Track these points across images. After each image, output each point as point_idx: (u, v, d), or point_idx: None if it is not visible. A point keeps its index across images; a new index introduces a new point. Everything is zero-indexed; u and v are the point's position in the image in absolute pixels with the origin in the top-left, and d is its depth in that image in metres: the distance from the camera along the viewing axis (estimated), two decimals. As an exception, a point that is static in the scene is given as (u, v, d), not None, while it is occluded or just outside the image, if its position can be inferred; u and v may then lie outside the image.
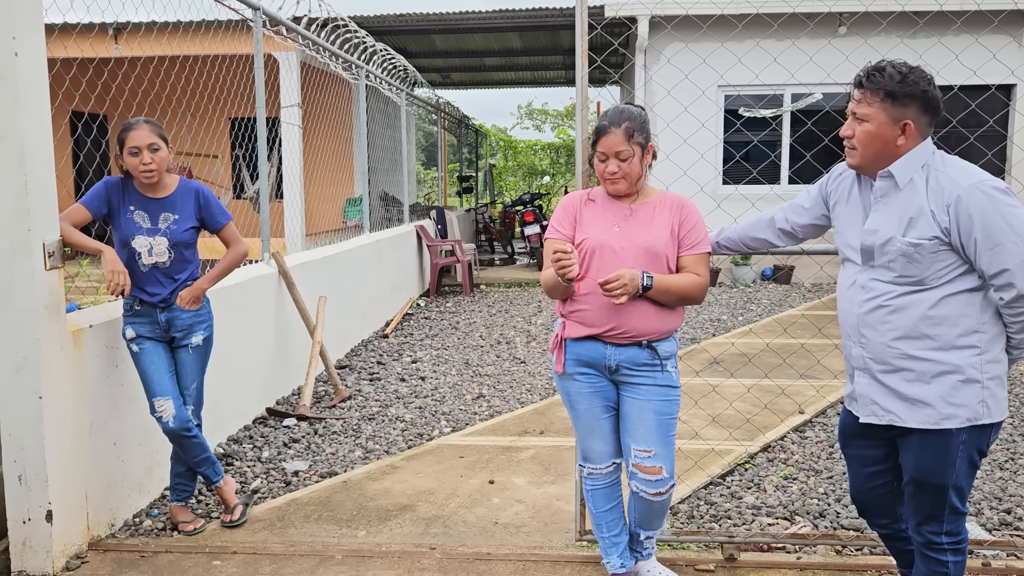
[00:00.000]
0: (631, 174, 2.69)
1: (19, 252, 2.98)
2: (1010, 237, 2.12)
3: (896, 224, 2.23)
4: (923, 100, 2.18)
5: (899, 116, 2.18)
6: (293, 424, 4.99)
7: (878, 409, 2.32)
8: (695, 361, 6.42)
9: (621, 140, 2.65)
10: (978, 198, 2.13)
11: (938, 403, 2.23)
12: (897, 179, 2.23)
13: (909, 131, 2.20)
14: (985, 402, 2.22)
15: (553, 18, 11.79)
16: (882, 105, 2.19)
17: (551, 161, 24.15)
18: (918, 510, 2.35)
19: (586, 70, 3.19)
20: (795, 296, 9.83)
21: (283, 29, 6.10)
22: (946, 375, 2.22)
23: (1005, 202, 2.13)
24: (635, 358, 2.71)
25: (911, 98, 2.17)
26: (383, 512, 3.69)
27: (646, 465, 2.72)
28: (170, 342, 3.40)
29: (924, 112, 2.20)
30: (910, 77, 2.16)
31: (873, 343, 2.30)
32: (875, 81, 2.19)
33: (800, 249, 3.20)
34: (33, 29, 2.99)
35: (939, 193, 2.18)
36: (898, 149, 2.22)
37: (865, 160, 2.27)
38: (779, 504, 3.72)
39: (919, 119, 2.20)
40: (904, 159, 2.22)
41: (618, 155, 2.66)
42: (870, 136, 2.22)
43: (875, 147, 2.23)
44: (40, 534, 3.08)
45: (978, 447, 2.27)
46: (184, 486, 3.55)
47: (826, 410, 5.13)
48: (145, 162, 3.23)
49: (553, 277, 2.70)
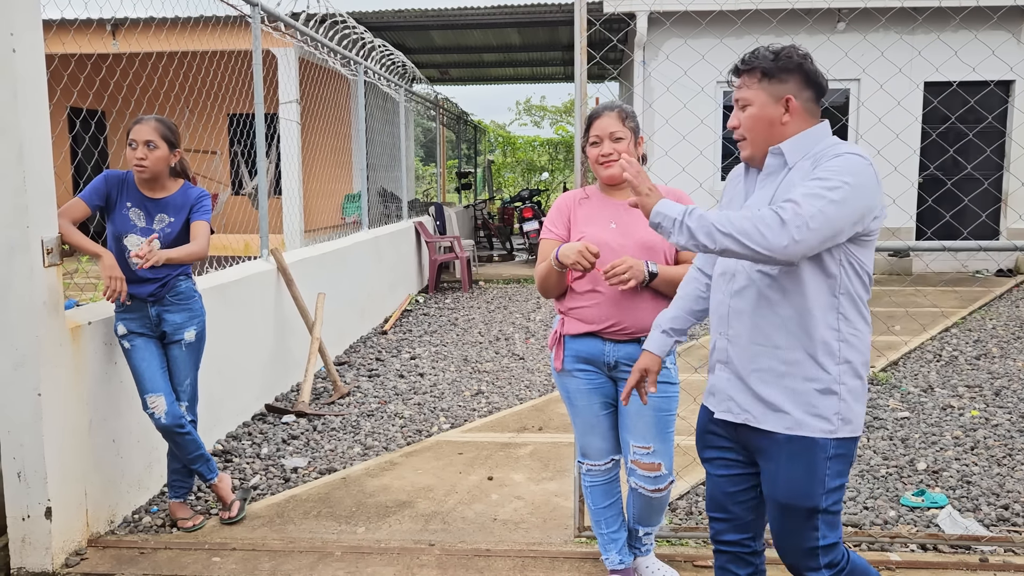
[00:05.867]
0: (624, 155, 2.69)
1: (17, 249, 2.98)
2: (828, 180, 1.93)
3: (766, 198, 2.09)
4: (801, 73, 2.07)
5: (779, 93, 2.07)
6: (292, 421, 4.99)
7: (734, 406, 2.15)
8: (694, 357, 6.43)
9: (615, 121, 2.67)
10: (852, 158, 1.97)
11: (795, 409, 2.04)
12: (787, 157, 2.08)
13: (792, 107, 2.07)
14: (841, 414, 2.03)
15: (552, 14, 11.78)
16: (760, 85, 2.08)
17: (550, 157, 24.14)
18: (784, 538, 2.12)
19: (585, 66, 3.19)
20: (794, 292, 9.83)
21: (281, 25, 6.09)
22: (802, 380, 2.04)
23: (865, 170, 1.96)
24: (634, 354, 2.71)
25: (788, 72, 2.07)
26: (382, 508, 3.70)
27: (645, 461, 2.73)
28: (162, 338, 3.40)
29: (805, 86, 2.08)
30: (783, 53, 2.08)
31: (737, 336, 2.14)
32: (749, 63, 2.10)
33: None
34: (31, 25, 2.98)
35: (821, 160, 2.02)
36: (785, 128, 2.08)
37: (755, 147, 2.13)
38: (777, 500, 3.72)
39: (801, 94, 2.08)
40: (796, 138, 2.08)
41: (612, 135, 2.67)
42: (754, 119, 2.10)
43: (761, 130, 2.10)
44: (39, 531, 3.08)
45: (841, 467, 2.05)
46: (181, 483, 3.55)
47: (824, 406, 5.13)
48: (139, 156, 3.23)
49: (546, 272, 2.70)
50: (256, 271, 5.19)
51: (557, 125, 25.65)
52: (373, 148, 9.81)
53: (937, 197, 10.19)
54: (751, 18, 9.88)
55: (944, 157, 9.88)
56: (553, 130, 25.62)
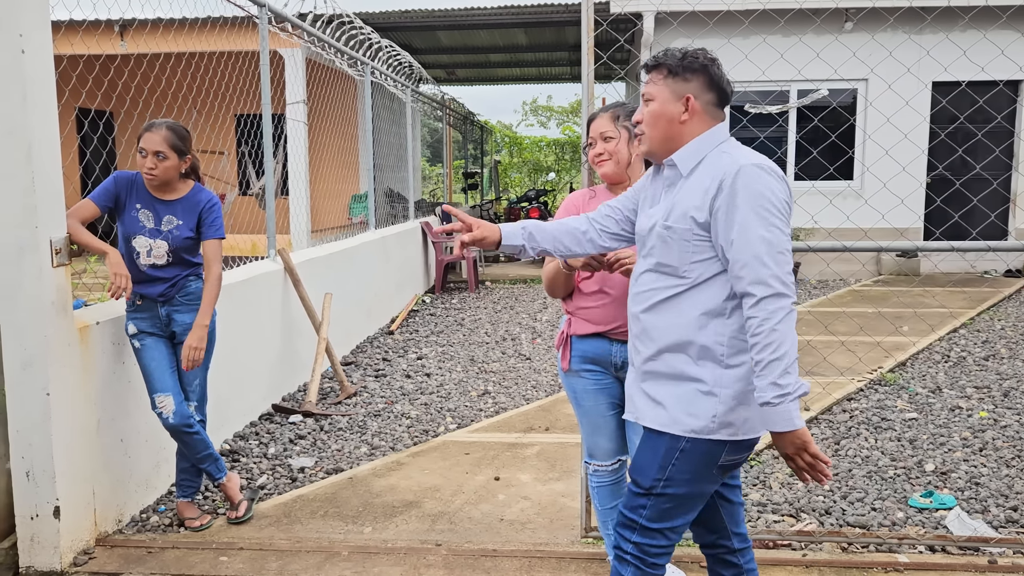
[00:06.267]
0: (617, 155, 2.70)
1: (26, 249, 2.99)
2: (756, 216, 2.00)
3: (665, 209, 2.14)
4: (705, 75, 2.12)
5: (681, 91, 2.12)
6: (299, 421, 5.00)
7: (631, 406, 2.23)
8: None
9: (607, 122, 2.71)
10: (752, 172, 2.01)
11: (673, 407, 2.10)
12: (680, 167, 2.13)
13: (692, 107, 2.11)
14: (719, 417, 2.06)
15: (558, 14, 11.78)
16: (665, 82, 2.13)
17: (556, 157, 24.12)
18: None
19: (592, 66, 3.19)
20: (801, 293, 9.81)
21: (288, 26, 6.11)
22: (689, 382, 2.08)
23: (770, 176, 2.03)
24: (640, 355, 2.70)
25: (692, 72, 2.11)
26: (389, 508, 3.70)
27: (652, 462, 2.72)
28: (171, 337, 3.41)
29: (708, 89, 2.12)
30: (690, 54, 2.12)
31: (636, 338, 2.20)
32: (658, 60, 2.15)
33: (806, 246, 3.20)
34: (40, 26, 3.00)
35: (715, 169, 2.06)
36: (683, 127, 2.12)
37: (653, 144, 2.17)
38: (784, 501, 3.71)
39: (702, 95, 2.12)
40: (689, 146, 2.12)
41: (603, 135, 2.70)
42: (654, 115, 2.14)
43: (660, 126, 2.14)
44: (48, 530, 3.09)
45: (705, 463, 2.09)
46: (190, 482, 3.56)
47: (831, 407, 5.12)
48: (148, 166, 3.25)
49: (554, 272, 2.70)
50: (263, 271, 5.20)
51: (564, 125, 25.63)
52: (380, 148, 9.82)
53: (945, 197, 10.15)
54: (758, 18, 9.86)
55: (952, 157, 9.84)
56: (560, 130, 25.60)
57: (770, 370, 1.93)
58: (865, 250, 3.18)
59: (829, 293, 9.74)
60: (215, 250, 3.40)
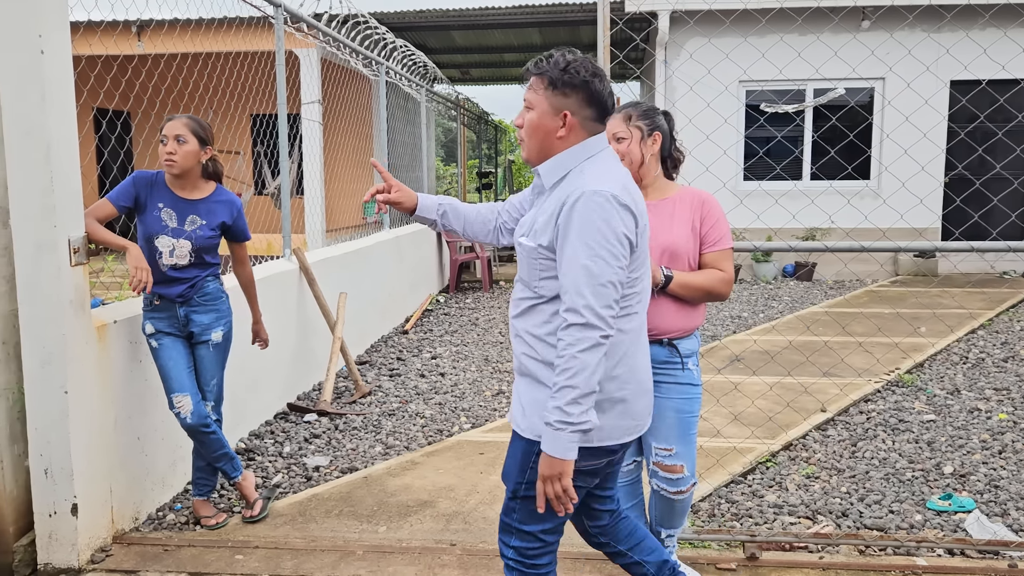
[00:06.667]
0: (629, 155, 2.68)
1: (45, 248, 3.01)
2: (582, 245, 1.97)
3: (528, 222, 2.15)
4: (585, 91, 2.05)
5: (559, 106, 2.06)
6: (314, 420, 5.01)
7: (510, 412, 2.25)
8: (716, 358, 6.39)
9: (618, 123, 2.69)
10: (590, 201, 1.96)
11: (530, 412, 2.11)
12: (544, 180, 2.12)
13: (569, 123, 2.06)
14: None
15: (573, 13, 11.76)
16: (545, 92, 2.06)
17: (570, 157, 24.07)
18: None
19: (608, 65, 3.17)
20: (816, 293, 9.75)
21: (304, 26, 6.12)
22: (543, 388, 2.09)
23: (603, 206, 1.97)
24: (656, 356, 2.69)
25: (572, 87, 2.04)
26: (403, 508, 3.70)
27: (667, 463, 2.71)
28: (189, 337, 3.43)
29: (587, 104, 2.06)
30: (573, 66, 2.04)
31: (512, 339, 2.23)
32: (540, 67, 2.08)
33: (823, 246, 3.17)
34: (58, 27, 3.02)
35: (565, 191, 2.04)
36: (560, 142, 2.08)
37: (530, 153, 2.13)
38: (801, 503, 3.69)
39: (581, 111, 2.06)
40: (556, 159, 2.09)
41: (615, 135, 2.69)
42: (533, 126, 2.09)
43: (538, 138, 2.10)
44: (66, 527, 3.12)
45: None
46: (206, 481, 3.57)
47: (848, 408, 5.08)
48: (168, 151, 3.27)
49: None
50: (278, 271, 5.22)
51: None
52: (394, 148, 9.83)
53: (964, 197, 10.05)
54: (774, 17, 9.81)
55: (972, 157, 9.74)
56: (574, 130, 25.54)
57: (561, 395, 1.94)
58: (884, 250, 3.15)
59: (846, 293, 9.67)
60: (246, 251, 3.62)
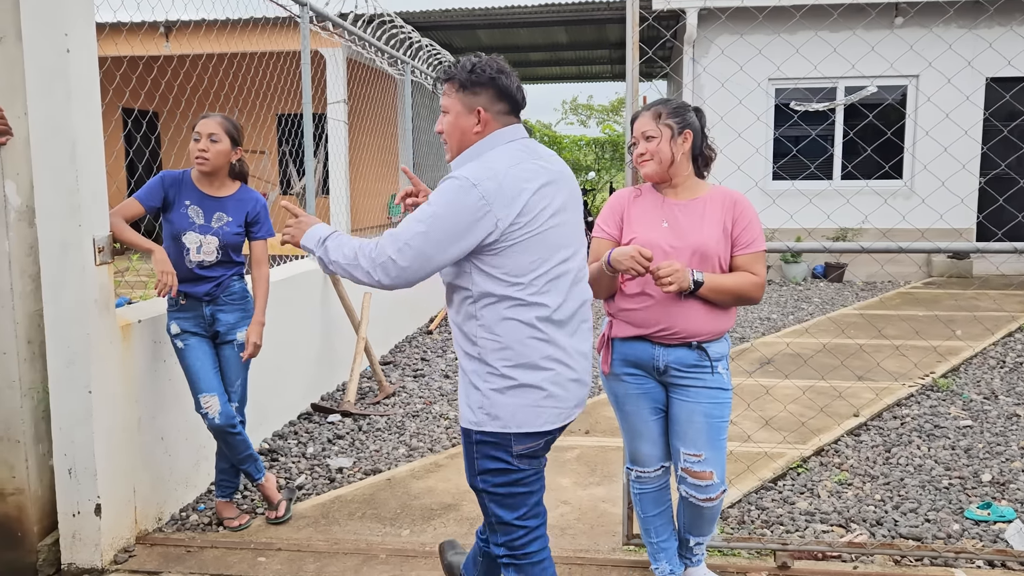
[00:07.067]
0: (659, 154, 2.61)
1: (70, 247, 3.00)
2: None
3: None
4: (494, 87, 2.20)
5: (472, 104, 2.21)
6: (338, 420, 4.99)
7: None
8: (746, 361, 6.28)
9: (648, 121, 2.63)
10: (446, 182, 2.13)
11: (463, 402, 2.26)
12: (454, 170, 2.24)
13: (483, 118, 2.21)
14: (485, 409, 2.18)
15: (600, 11, 11.67)
16: (457, 95, 2.22)
17: (596, 157, 23.96)
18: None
19: (637, 62, 3.10)
20: (848, 294, 9.58)
21: (329, 25, 6.11)
22: (464, 375, 2.25)
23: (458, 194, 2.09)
24: (684, 359, 2.62)
25: (481, 85, 2.19)
26: (427, 511, 3.66)
27: (696, 470, 2.64)
28: (214, 337, 3.41)
29: (498, 100, 2.21)
30: (479, 66, 2.20)
31: None
32: (449, 73, 2.24)
33: (859, 247, 3.08)
34: (84, 26, 3.01)
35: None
36: (475, 137, 2.23)
37: (453, 152, 2.27)
38: (834, 510, 3.59)
39: (492, 106, 2.21)
40: (463, 155, 2.24)
41: (644, 134, 2.62)
42: (451, 126, 2.24)
43: (456, 137, 2.24)
44: (89, 527, 3.11)
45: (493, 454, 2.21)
46: (229, 482, 3.55)
47: (882, 413, 4.96)
48: (200, 148, 3.27)
49: (596, 273, 2.62)
50: (303, 270, 5.21)
51: (604, 124, 25.45)
52: (420, 147, 9.81)
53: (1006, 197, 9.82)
54: (806, 13, 9.66)
55: (1013, 156, 9.51)
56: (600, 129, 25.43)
57: (337, 253, 2.14)
58: (922, 251, 3.05)
59: (878, 295, 9.49)
60: (265, 250, 3.54)
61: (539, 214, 2.12)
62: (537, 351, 2.15)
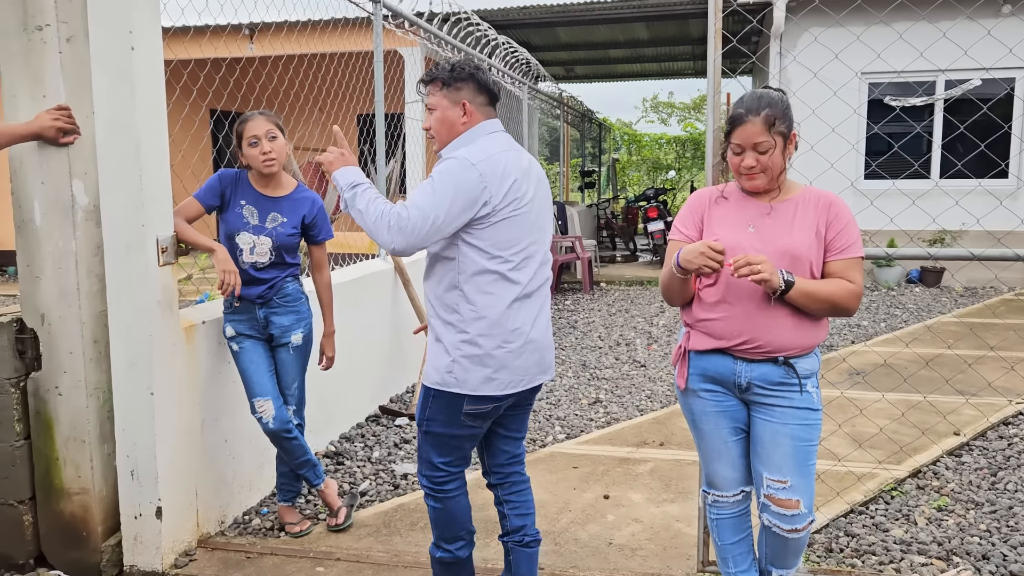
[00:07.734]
0: (771, 167, 2.35)
1: (134, 248, 2.97)
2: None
3: None
4: (473, 81, 2.48)
5: (457, 98, 2.48)
6: (405, 424, 4.90)
7: None
8: (833, 372, 5.92)
9: (760, 130, 2.30)
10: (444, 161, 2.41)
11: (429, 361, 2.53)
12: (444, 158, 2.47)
13: (468, 110, 2.48)
14: (453, 373, 2.44)
15: (682, 6, 11.33)
16: (442, 92, 2.48)
17: (677, 155, 23.46)
18: None
19: (719, 54, 2.87)
20: (945, 301, 9.01)
21: (405, 23, 6.04)
22: (438, 341, 2.49)
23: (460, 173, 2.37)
24: (769, 376, 2.39)
25: (462, 81, 2.47)
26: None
27: (780, 497, 2.40)
28: (269, 340, 3.34)
29: (479, 93, 2.50)
30: (458, 65, 2.48)
31: None
32: (431, 75, 2.50)
33: (969, 253, 2.78)
34: (149, 24, 2.97)
35: None
36: (463, 128, 2.49)
37: (442, 144, 2.52)
38: (933, 540, 3.28)
39: (475, 99, 2.49)
40: (450, 145, 2.49)
41: (756, 147, 2.32)
42: (439, 121, 2.50)
43: (445, 130, 2.50)
44: (150, 530, 3.08)
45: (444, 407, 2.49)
46: (289, 487, 3.49)
47: (986, 432, 4.57)
48: (265, 151, 3.18)
49: (668, 277, 2.42)
50: (373, 270, 5.14)
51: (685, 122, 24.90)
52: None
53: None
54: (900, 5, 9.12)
55: None
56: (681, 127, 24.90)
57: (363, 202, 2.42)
58: (1040, 259, 2.73)
59: (979, 302, 8.90)
60: (325, 253, 3.49)
61: (521, 196, 2.42)
62: (510, 320, 2.42)
